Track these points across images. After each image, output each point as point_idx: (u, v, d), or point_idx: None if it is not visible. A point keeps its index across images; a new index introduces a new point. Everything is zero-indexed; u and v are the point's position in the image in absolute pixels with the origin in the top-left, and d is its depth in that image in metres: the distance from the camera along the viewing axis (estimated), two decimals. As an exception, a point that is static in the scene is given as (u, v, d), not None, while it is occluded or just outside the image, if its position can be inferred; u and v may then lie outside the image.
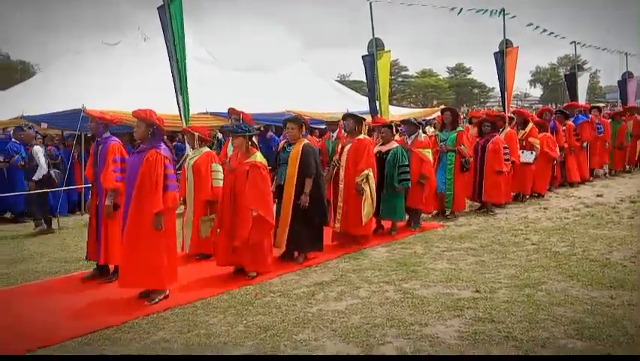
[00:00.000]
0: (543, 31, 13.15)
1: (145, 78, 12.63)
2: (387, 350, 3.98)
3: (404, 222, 8.02)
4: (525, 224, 8.18)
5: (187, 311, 4.90)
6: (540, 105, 40.20)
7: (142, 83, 12.40)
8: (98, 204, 5.97)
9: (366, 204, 7.00)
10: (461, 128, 9.07)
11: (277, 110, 12.96)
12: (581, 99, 15.77)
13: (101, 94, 11.28)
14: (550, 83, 71.04)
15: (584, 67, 32.87)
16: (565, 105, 15.11)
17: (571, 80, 16.33)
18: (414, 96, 67.65)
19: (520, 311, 4.58)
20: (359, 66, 11.52)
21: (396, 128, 8.58)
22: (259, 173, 5.80)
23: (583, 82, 16.96)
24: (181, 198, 6.49)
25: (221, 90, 13.21)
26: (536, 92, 76.09)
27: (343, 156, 7.22)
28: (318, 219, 6.50)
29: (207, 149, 7.01)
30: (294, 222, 6.37)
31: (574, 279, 5.43)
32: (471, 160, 8.91)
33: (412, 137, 8.26)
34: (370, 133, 8.45)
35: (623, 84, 17.43)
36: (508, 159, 9.19)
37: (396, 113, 15.14)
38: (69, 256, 7.19)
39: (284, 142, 6.79)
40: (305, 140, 6.57)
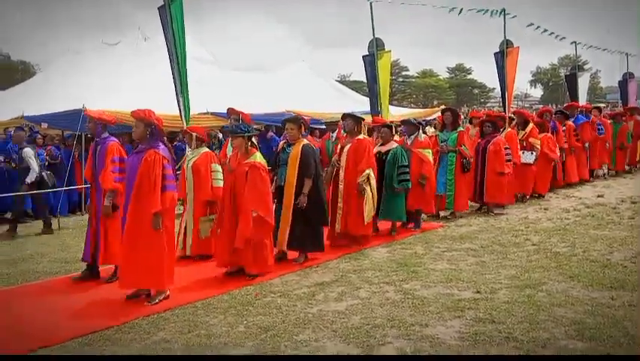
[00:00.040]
0: (544, 31, 13.18)
1: (145, 78, 12.61)
2: (388, 350, 3.97)
3: (404, 222, 8.01)
4: (525, 225, 8.18)
5: (187, 312, 4.89)
6: (540, 106, 40.20)
7: (142, 83, 12.38)
8: (97, 205, 5.96)
9: (368, 205, 7.00)
10: (462, 129, 9.07)
11: (277, 111, 12.97)
12: (582, 100, 15.79)
13: (101, 94, 11.28)
14: (550, 84, 71.05)
15: (585, 67, 32.79)
16: (565, 105, 15.11)
17: (571, 80, 16.34)
18: (414, 96, 67.59)
19: (520, 312, 4.57)
20: (359, 66, 11.50)
21: (396, 128, 8.58)
22: (258, 174, 5.79)
23: (583, 82, 16.99)
24: (179, 199, 6.48)
25: (221, 90, 13.20)
26: (537, 92, 76.20)
27: (343, 157, 7.21)
28: (318, 220, 6.50)
29: (206, 149, 7.00)
30: (294, 222, 6.37)
31: (574, 280, 5.43)
32: (471, 160, 8.91)
33: (412, 137, 8.26)
34: (370, 133, 8.45)
35: (624, 85, 17.44)
36: (510, 160, 9.18)
37: (396, 113, 15.16)
38: (69, 256, 7.19)
39: (283, 142, 6.78)
40: (304, 140, 6.56)
